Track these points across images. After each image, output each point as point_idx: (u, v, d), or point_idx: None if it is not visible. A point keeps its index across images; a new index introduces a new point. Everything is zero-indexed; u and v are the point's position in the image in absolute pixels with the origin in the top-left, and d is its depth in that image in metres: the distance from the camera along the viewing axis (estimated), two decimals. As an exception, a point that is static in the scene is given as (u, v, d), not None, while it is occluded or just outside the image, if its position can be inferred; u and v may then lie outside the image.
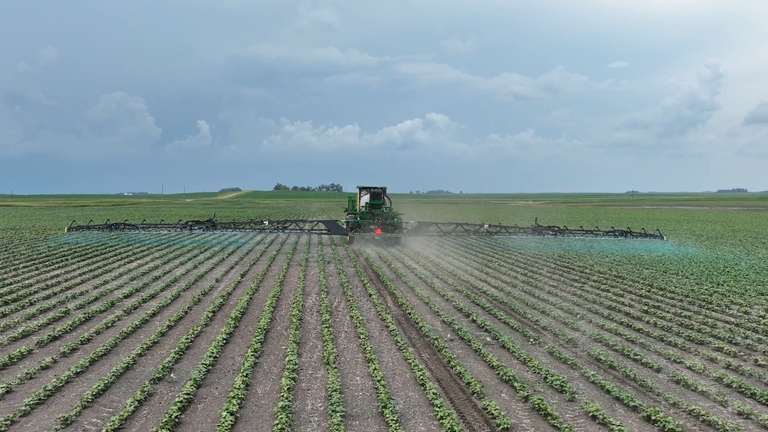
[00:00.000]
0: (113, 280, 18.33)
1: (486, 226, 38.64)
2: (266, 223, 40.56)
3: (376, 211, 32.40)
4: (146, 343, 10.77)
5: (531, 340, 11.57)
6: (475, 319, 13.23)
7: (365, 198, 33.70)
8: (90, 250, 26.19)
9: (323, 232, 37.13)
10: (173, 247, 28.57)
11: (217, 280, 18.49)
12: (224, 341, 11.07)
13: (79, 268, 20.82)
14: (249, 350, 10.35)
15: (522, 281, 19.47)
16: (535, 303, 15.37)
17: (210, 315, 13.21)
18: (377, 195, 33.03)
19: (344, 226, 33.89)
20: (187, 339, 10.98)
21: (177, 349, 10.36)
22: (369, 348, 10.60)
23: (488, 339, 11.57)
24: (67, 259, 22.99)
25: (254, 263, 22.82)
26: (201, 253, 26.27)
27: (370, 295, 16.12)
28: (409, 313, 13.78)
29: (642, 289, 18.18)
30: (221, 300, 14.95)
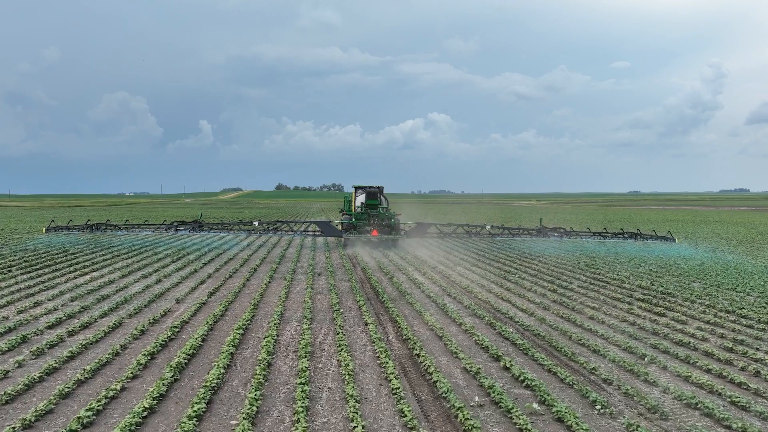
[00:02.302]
0: (48, 300, 14.76)
1: (488, 227, 36.31)
2: (256, 224, 37.49)
3: (372, 212, 30.03)
4: (27, 418, 7.20)
5: (598, 407, 7.97)
6: (509, 365, 9.64)
7: (361, 198, 31.23)
8: (44, 258, 22.62)
9: (316, 233, 34.32)
10: (145, 254, 25.02)
11: (177, 301, 14.92)
12: (146, 412, 7.49)
13: (17, 283, 17.26)
14: (177, 432, 6.79)
15: (553, 300, 15.91)
16: (580, 336, 11.77)
17: (146, 360, 9.65)
18: (373, 195, 30.54)
19: (339, 228, 31.46)
20: (90, 410, 7.41)
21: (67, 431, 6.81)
22: (361, 425, 7.05)
23: (535, 406, 7.96)
24: (10, 271, 19.45)
25: (231, 276, 19.27)
26: (173, 262, 22.72)
27: (367, 323, 12.56)
28: (418, 355, 10.22)
29: (705, 312, 14.59)
30: (171, 333, 11.38)
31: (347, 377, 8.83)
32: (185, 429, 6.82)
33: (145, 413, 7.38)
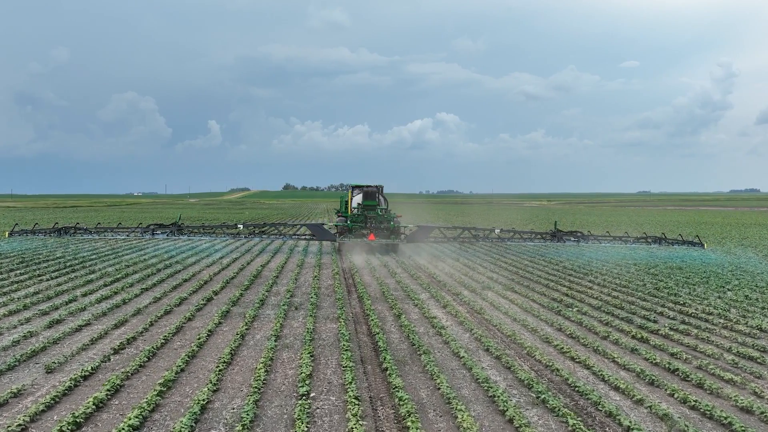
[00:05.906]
0: None
1: (497, 231, 31.76)
2: (240, 227, 32.11)
3: (369, 213, 26.66)
4: None
5: None
6: None
7: (357, 198, 27.85)
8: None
9: (309, 237, 29.01)
10: (78, 272, 19.31)
11: (49, 369, 9.13)
12: None
13: None
14: None
15: (654, 363, 10.06)
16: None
17: None
18: (371, 194, 27.22)
19: (333, 230, 27.93)
20: None
21: None
22: None
23: None
24: None
25: (170, 310, 13.55)
26: (105, 285, 16.97)
27: (352, 435, 6.77)
28: None
29: None
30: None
31: None
32: None
33: None
